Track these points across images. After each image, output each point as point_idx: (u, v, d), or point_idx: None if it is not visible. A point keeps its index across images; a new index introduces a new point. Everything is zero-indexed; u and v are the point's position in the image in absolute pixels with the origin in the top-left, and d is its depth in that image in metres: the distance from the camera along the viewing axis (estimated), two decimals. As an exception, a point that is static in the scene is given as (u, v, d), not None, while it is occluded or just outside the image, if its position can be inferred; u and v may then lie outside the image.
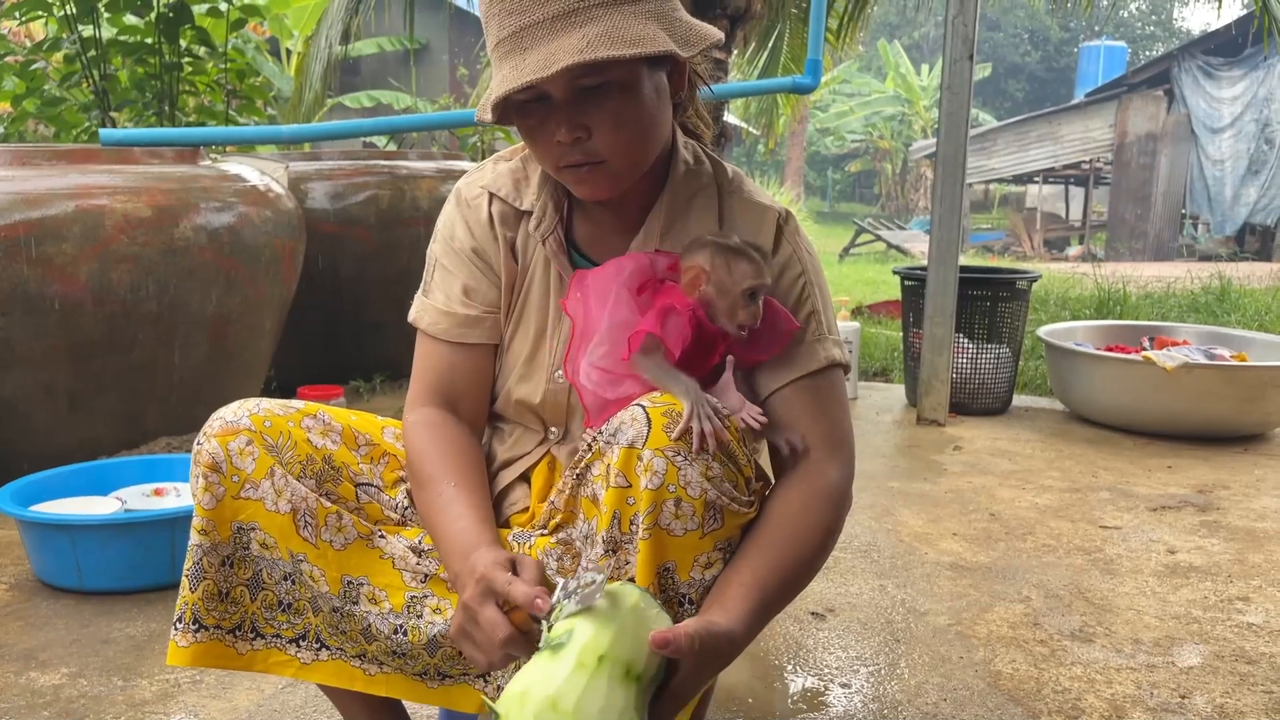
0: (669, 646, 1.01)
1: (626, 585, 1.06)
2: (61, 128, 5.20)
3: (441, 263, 1.38)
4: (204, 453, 1.25)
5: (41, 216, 2.91)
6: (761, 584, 1.14)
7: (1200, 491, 3.20)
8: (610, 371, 1.21)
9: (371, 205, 4.33)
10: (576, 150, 1.19)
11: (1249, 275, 9.49)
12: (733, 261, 1.21)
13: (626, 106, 1.18)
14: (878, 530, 2.81)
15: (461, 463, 1.28)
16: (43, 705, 1.83)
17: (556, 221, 1.34)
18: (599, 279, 1.24)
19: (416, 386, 1.37)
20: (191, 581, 1.27)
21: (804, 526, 1.20)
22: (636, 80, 1.18)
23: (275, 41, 9.26)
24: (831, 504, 1.24)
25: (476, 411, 1.38)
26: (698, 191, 1.34)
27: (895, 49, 26.57)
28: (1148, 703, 1.89)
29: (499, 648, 1.05)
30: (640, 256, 1.26)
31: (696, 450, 1.11)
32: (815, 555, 1.22)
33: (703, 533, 1.13)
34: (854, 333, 4.46)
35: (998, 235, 20.04)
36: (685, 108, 1.38)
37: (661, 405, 1.14)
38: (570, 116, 1.17)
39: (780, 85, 5.58)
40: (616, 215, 1.33)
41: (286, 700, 1.85)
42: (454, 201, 1.39)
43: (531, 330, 1.36)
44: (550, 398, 1.35)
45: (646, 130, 1.22)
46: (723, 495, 1.13)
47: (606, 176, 1.22)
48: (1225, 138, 16.96)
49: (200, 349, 3.29)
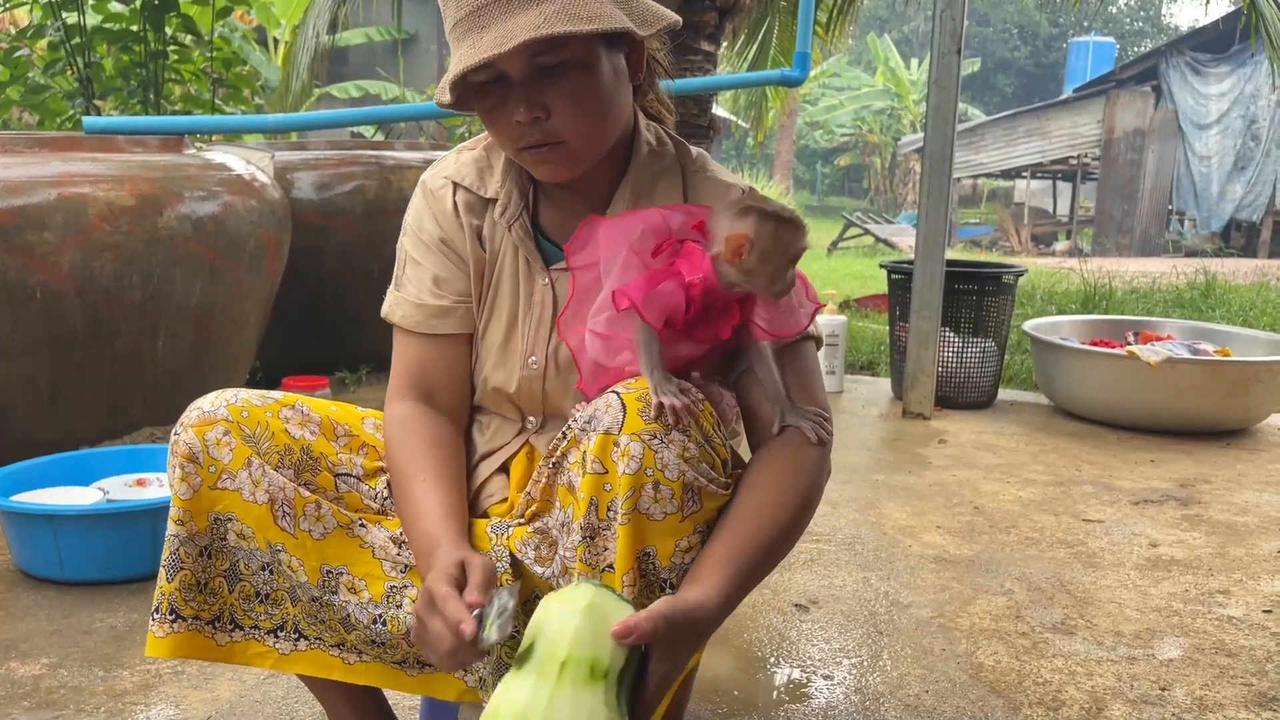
0: (632, 635, 1.01)
1: (580, 585, 1.06)
2: (45, 115, 5.17)
3: (411, 256, 1.38)
4: (181, 443, 1.24)
5: (23, 205, 2.89)
6: (736, 554, 1.14)
7: (1182, 486, 3.22)
8: (611, 338, 1.19)
9: (358, 196, 4.32)
10: (535, 130, 1.19)
11: (1234, 271, 9.53)
12: (778, 228, 1.18)
13: (585, 86, 1.18)
14: (862, 523, 2.82)
15: (434, 456, 1.28)
16: (22, 696, 1.82)
17: (521, 208, 1.34)
18: (611, 235, 1.21)
19: (394, 380, 1.37)
20: (169, 572, 1.27)
21: (781, 494, 1.19)
22: (594, 59, 1.19)
23: (263, 31, 9.22)
24: (809, 470, 1.23)
25: (455, 401, 1.37)
26: (661, 172, 1.34)
27: (885, 43, 26.58)
28: (1127, 695, 1.90)
29: (446, 658, 1.06)
30: (653, 215, 1.23)
31: (672, 423, 1.11)
32: (794, 522, 1.20)
33: (682, 516, 1.13)
34: (841, 326, 4.47)
35: (986, 230, 20.11)
36: (645, 91, 1.38)
37: (636, 391, 1.14)
38: (528, 96, 1.18)
39: (768, 78, 5.57)
40: (581, 199, 1.33)
41: (268, 691, 1.84)
42: (420, 193, 1.39)
43: (504, 318, 1.36)
44: (525, 384, 1.35)
45: (605, 110, 1.22)
46: (700, 477, 1.13)
47: (566, 157, 1.22)
48: (1212, 134, 17.04)
49: (184, 339, 3.27)
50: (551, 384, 1.34)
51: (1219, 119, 16.91)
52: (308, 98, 7.58)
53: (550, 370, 1.34)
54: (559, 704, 0.98)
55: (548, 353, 1.34)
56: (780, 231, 1.17)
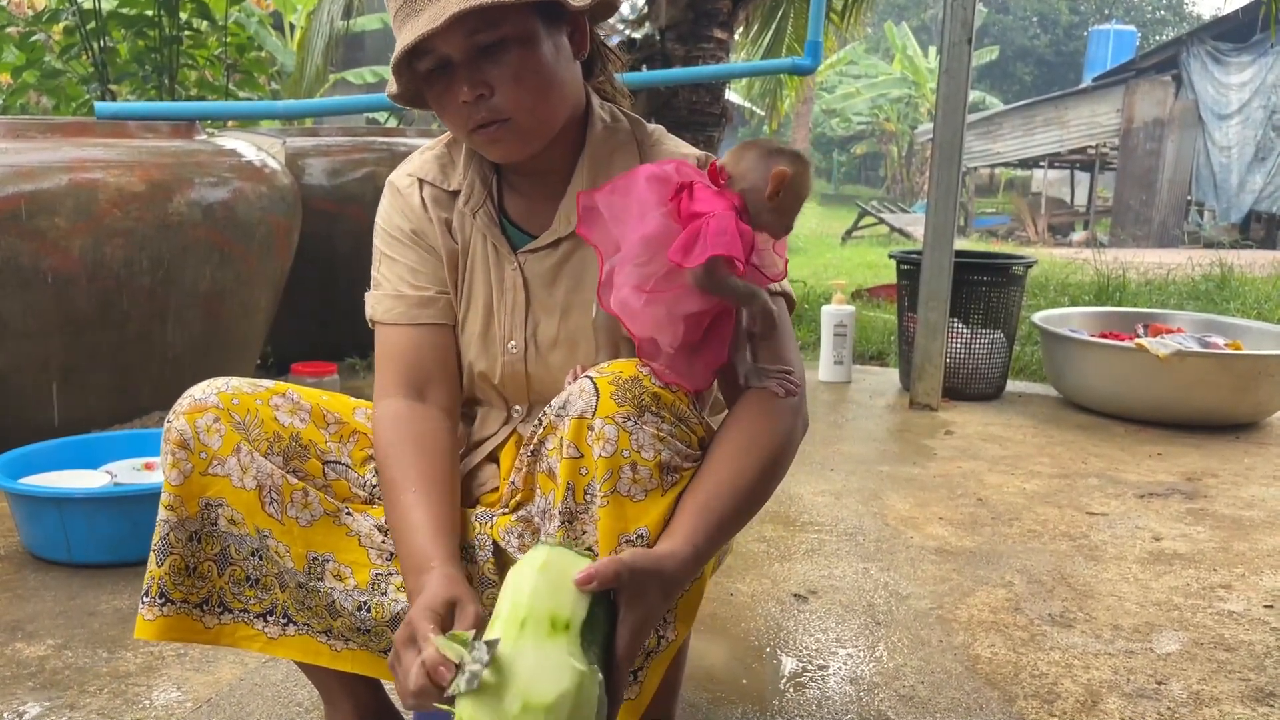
0: (594, 580, 1.02)
1: (537, 547, 1.08)
2: (61, 100, 5.20)
3: (385, 253, 1.40)
4: (173, 430, 1.27)
5: (35, 190, 2.92)
6: (705, 505, 1.14)
7: (1189, 479, 3.21)
8: (652, 291, 1.16)
9: (369, 183, 4.33)
10: (481, 109, 1.22)
11: (1251, 263, 9.45)
12: (805, 169, 1.23)
13: (525, 61, 1.21)
14: (864, 514, 2.82)
15: (426, 462, 1.27)
16: (28, 676, 1.85)
17: (485, 196, 1.36)
18: (609, 202, 1.21)
19: (382, 376, 1.37)
20: (158, 556, 1.29)
21: (749, 447, 1.19)
22: (533, 35, 1.21)
23: (279, 16, 9.24)
24: (777, 425, 1.22)
25: (447, 394, 1.37)
26: (616, 149, 1.35)
27: (903, 31, 26.40)
28: (1124, 688, 1.90)
29: (411, 696, 1.04)
30: (650, 168, 1.23)
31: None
32: (763, 474, 1.20)
33: (663, 491, 1.14)
34: (850, 316, 4.46)
35: (1002, 220, 19.98)
36: (595, 72, 1.39)
37: (609, 375, 1.15)
38: (470, 74, 1.20)
39: (779, 66, 5.56)
40: (541, 182, 1.35)
41: (268, 675, 1.86)
42: (388, 193, 1.42)
43: (480, 306, 1.38)
44: (508, 369, 1.37)
45: (549, 85, 1.24)
46: (676, 455, 1.15)
47: (514, 134, 1.24)
48: (1233, 124, 16.87)
49: (194, 325, 3.29)
50: (534, 367, 1.36)
51: (1239, 109, 16.75)
52: (323, 83, 7.60)
53: (530, 353, 1.36)
54: (522, 658, 0.99)
55: (526, 336, 1.36)
56: (807, 172, 1.23)
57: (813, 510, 2.84)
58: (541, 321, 1.36)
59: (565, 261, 1.35)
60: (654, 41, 4.95)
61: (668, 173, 1.21)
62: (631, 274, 1.16)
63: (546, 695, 0.97)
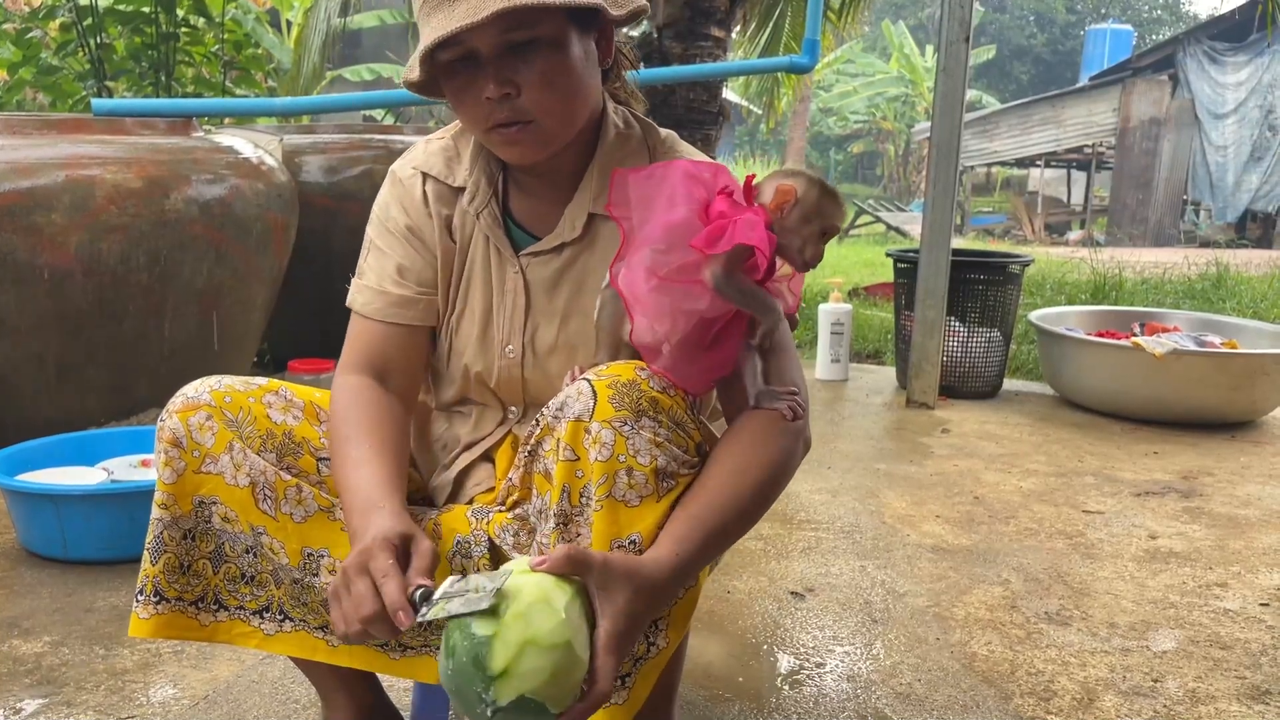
0: (545, 562, 1.02)
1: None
2: (57, 96, 5.19)
3: (376, 244, 1.38)
4: (166, 428, 1.26)
5: (31, 186, 2.91)
6: (695, 516, 1.13)
7: (1185, 478, 3.22)
8: (664, 279, 1.15)
9: (366, 180, 4.31)
10: (505, 108, 1.19)
11: (1247, 262, 9.46)
12: (823, 194, 1.19)
13: (556, 64, 1.19)
14: (861, 512, 2.82)
15: (382, 429, 1.27)
16: (24, 673, 1.84)
17: (490, 196, 1.34)
18: (641, 185, 1.19)
19: (347, 355, 1.35)
20: (152, 555, 1.29)
21: (748, 464, 1.17)
22: (566, 39, 1.19)
23: (276, 13, 9.22)
24: (779, 443, 1.20)
25: (407, 386, 1.36)
26: (628, 155, 1.34)
27: (900, 29, 26.39)
28: (1120, 686, 1.90)
29: (358, 622, 1.04)
30: (688, 164, 1.21)
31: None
32: (759, 491, 1.18)
33: (658, 497, 1.13)
34: (847, 315, 4.47)
35: (999, 219, 19.99)
36: (612, 77, 1.38)
37: (607, 378, 1.14)
38: (498, 72, 1.18)
39: (776, 65, 5.56)
40: (550, 184, 1.33)
41: (265, 671, 1.86)
42: (389, 183, 1.40)
43: (478, 308, 1.36)
44: (504, 373, 1.35)
45: (575, 91, 1.22)
46: (672, 461, 1.14)
47: (535, 137, 1.22)
48: (1229, 124, 16.89)
49: (191, 321, 3.29)
50: (530, 372, 1.35)
51: (1236, 108, 16.77)
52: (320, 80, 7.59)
53: (528, 358, 1.35)
54: (527, 595, 1.00)
55: (524, 341, 1.34)
56: (824, 198, 1.19)
57: (810, 508, 2.84)
58: (540, 327, 1.35)
59: (568, 267, 1.34)
60: (651, 39, 4.95)
61: (704, 174, 1.20)
62: (647, 257, 1.15)
63: (554, 637, 0.98)
